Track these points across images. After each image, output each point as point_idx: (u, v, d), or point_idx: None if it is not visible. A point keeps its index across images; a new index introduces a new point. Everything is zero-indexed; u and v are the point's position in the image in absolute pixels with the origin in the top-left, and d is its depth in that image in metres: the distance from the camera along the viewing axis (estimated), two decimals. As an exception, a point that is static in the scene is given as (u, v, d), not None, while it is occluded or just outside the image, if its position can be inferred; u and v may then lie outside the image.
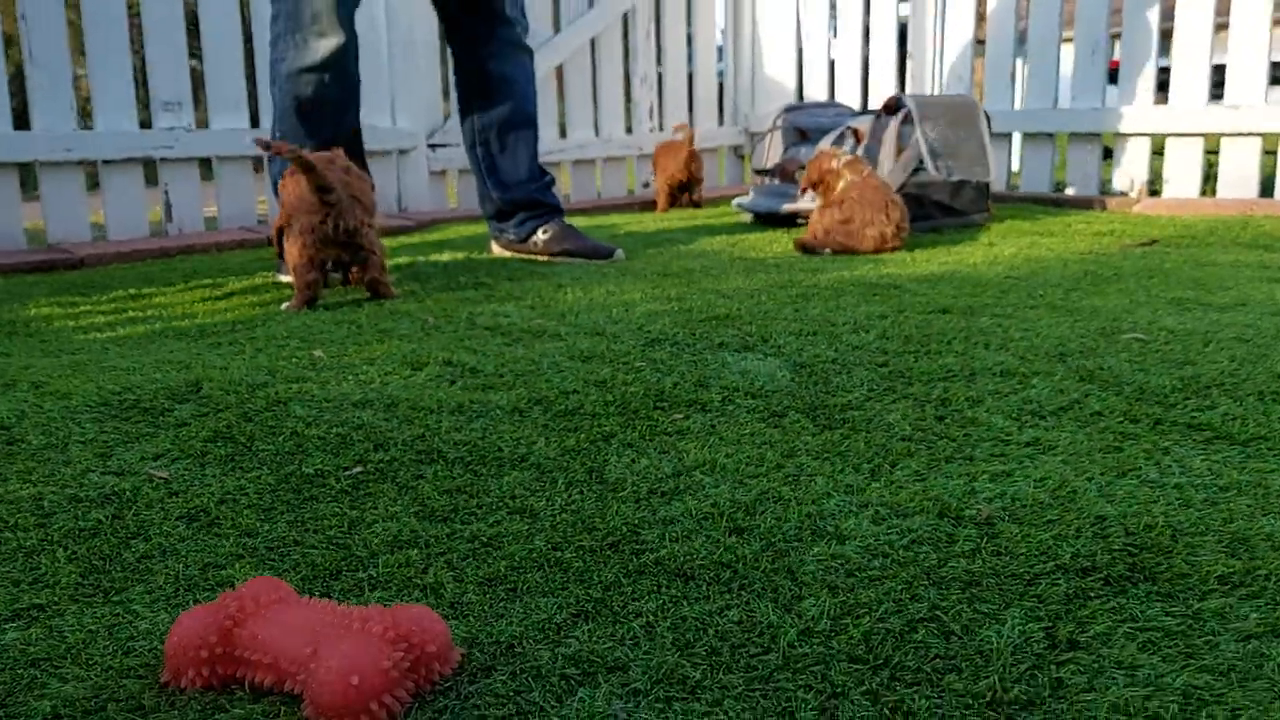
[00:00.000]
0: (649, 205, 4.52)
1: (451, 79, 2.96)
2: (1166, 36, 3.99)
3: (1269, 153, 3.81)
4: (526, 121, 2.88)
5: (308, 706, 0.74)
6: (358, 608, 0.81)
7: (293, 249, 2.21)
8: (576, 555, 1.01)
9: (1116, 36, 4.11)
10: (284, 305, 2.28)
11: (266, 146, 2.14)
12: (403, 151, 4.12)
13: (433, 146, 4.20)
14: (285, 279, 2.60)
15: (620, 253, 2.93)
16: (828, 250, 2.94)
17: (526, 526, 1.08)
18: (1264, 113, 3.71)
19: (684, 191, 4.42)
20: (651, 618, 0.88)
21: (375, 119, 4.01)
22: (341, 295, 2.40)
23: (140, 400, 1.52)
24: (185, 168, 3.62)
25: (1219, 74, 3.88)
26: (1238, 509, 1.09)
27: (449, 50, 2.92)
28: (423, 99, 4.14)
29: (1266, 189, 3.83)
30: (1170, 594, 0.91)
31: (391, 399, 1.52)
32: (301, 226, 2.18)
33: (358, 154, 2.61)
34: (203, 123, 3.66)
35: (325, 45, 2.42)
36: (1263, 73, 3.73)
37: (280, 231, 2.33)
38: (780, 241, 3.22)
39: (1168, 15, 3.96)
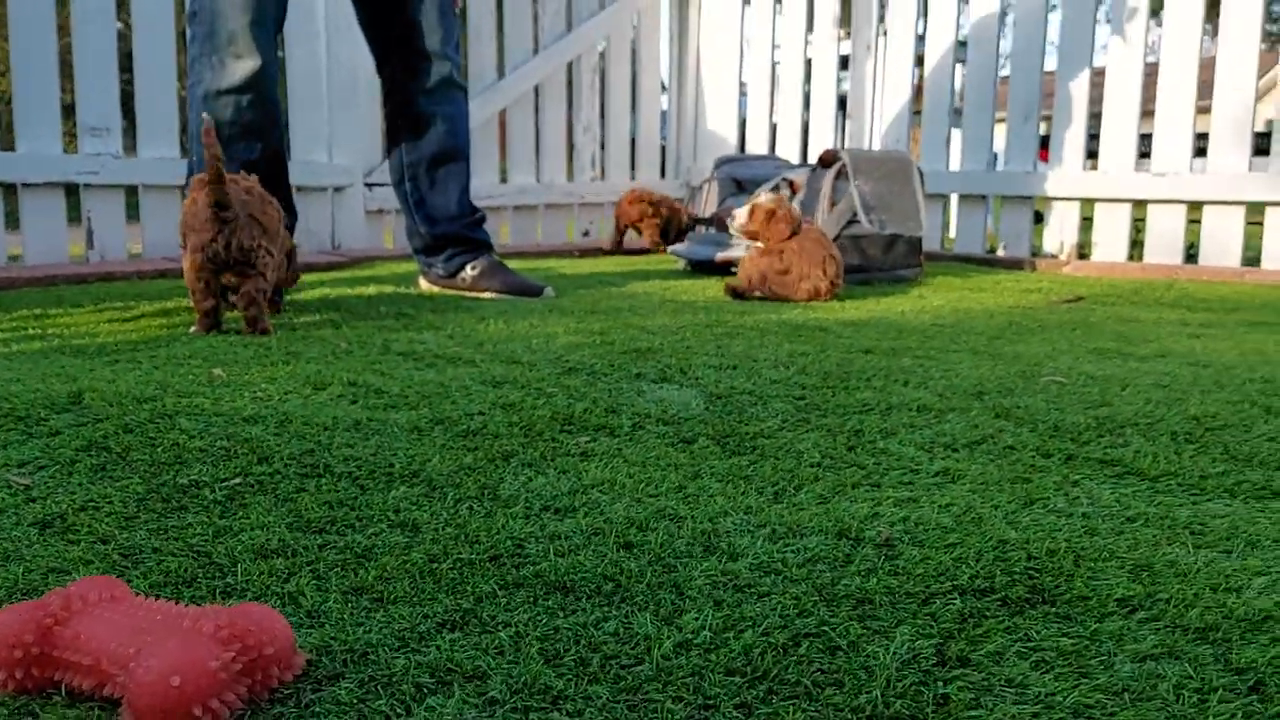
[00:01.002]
0: (588, 253, 4.50)
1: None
2: (1096, 118, 4.08)
3: (1193, 221, 3.89)
4: (457, 156, 2.85)
5: (125, 711, 0.67)
6: (194, 607, 0.75)
7: (187, 270, 2.13)
8: (453, 567, 0.95)
9: (1047, 118, 4.20)
10: (191, 328, 2.20)
11: (208, 133, 2.05)
12: (338, 189, 4.07)
13: (370, 185, 4.15)
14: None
15: (550, 290, 2.89)
16: (757, 294, 2.92)
17: (406, 539, 1.02)
18: (1189, 181, 3.79)
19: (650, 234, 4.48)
20: (521, 628, 0.82)
21: (312, 154, 3.96)
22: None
23: (15, 409, 1.43)
24: (110, 195, 3.53)
25: (1146, 144, 3.97)
26: (1143, 538, 1.06)
27: (381, 84, 2.89)
28: (361, 137, 4.10)
29: (1191, 256, 3.91)
30: (1068, 615, 0.87)
31: (286, 415, 1.45)
32: (193, 244, 2.09)
33: (280, 179, 2.55)
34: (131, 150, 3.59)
35: (242, 68, 2.38)
36: (1188, 142, 3.82)
37: None
38: (713, 287, 3.20)
39: (1096, 100, 4.05)
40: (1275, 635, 0.84)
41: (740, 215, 2.97)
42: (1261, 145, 4.04)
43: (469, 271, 2.88)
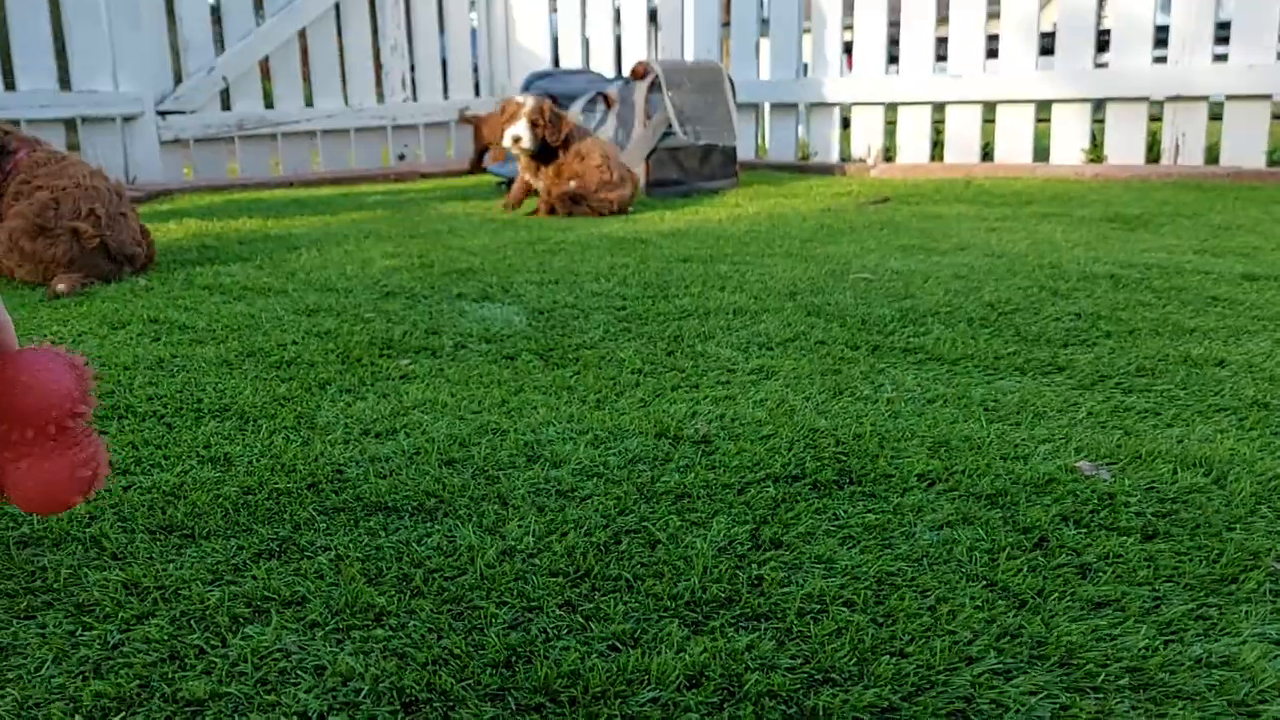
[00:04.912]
0: (404, 176, 4.38)
1: (182, 38, 2.72)
2: (896, 26, 4.19)
3: (988, 121, 4.08)
4: None
5: None
6: None
7: None
8: (269, 497, 0.92)
9: (850, 28, 4.30)
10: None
11: None
12: (128, 118, 3.80)
13: (163, 113, 3.90)
14: None
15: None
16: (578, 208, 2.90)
17: (218, 474, 0.99)
18: (983, 82, 3.96)
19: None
20: (342, 550, 0.81)
21: (95, 82, 3.68)
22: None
23: None
24: None
25: (944, 49, 4.12)
26: (942, 417, 1.12)
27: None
28: (148, 60, 3.83)
29: (987, 154, 4.11)
30: (873, 493, 0.92)
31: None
32: None
33: None
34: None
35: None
36: (980, 45, 3.98)
37: None
38: (534, 204, 3.17)
39: (895, 9, 4.16)
40: (1056, 495, 0.91)
41: (523, 136, 2.82)
42: (1047, 45, 4.24)
43: None
